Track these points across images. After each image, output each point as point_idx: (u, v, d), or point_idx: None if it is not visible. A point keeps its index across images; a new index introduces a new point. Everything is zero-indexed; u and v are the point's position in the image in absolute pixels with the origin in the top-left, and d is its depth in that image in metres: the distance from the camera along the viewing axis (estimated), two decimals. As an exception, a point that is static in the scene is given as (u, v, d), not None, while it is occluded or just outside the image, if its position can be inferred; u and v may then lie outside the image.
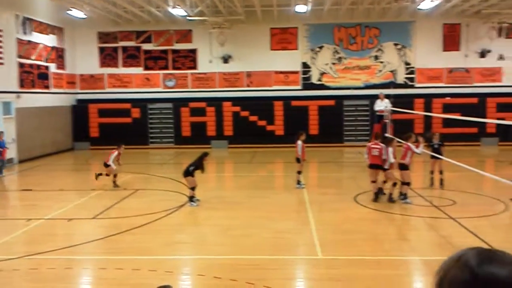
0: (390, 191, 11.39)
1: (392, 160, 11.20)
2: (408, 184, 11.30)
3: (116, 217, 10.45)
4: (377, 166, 11.53)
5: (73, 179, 16.97)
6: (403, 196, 11.27)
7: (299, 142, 13.00)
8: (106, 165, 13.76)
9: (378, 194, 11.52)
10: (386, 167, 11.24)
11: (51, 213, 10.80)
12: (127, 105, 24.21)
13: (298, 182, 13.33)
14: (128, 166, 16.41)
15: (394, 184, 11.40)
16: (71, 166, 20.20)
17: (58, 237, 9.11)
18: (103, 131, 24.04)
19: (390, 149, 11.26)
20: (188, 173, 11.33)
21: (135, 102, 24.23)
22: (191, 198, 11.37)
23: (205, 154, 11.65)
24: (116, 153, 13.79)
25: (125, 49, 24.62)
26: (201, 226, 10.15)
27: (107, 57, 24.73)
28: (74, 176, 17.74)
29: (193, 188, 11.32)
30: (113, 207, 11.39)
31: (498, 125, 21.29)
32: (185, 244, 8.72)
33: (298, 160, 13.20)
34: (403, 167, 11.28)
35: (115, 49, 24.66)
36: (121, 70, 24.71)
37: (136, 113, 24.23)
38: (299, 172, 13.37)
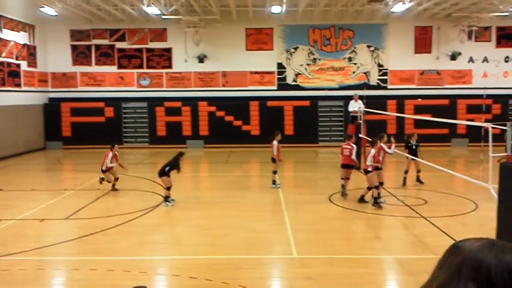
0: (363, 193, 11.45)
1: (369, 162, 11.10)
2: (381, 184, 11.48)
3: (89, 218, 10.31)
4: (348, 166, 11.83)
5: (45, 179, 16.66)
6: (376, 195, 11.42)
7: (275, 142, 13.09)
8: (103, 171, 12.94)
9: (345, 188, 11.89)
10: (369, 169, 11.15)
11: (22, 214, 10.58)
12: (101, 104, 23.88)
13: (274, 182, 13.41)
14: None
15: (368, 188, 11.38)
16: (43, 166, 19.82)
17: (30, 238, 8.93)
18: (75, 130, 23.67)
19: (372, 151, 11.18)
20: (163, 173, 11.27)
21: (108, 101, 23.93)
22: (166, 198, 11.31)
23: (181, 154, 11.61)
24: (110, 154, 12.78)
25: (98, 47, 24.28)
26: (176, 226, 10.11)
27: (80, 55, 24.34)
28: (46, 176, 17.41)
29: (168, 188, 11.27)
30: (86, 207, 11.23)
31: (468, 126, 21.82)
32: (160, 245, 8.67)
33: (273, 160, 13.29)
34: (376, 167, 11.45)
35: (88, 47, 24.29)
36: (94, 68, 24.35)
37: (109, 112, 23.93)
38: (274, 172, 13.46)
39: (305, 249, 8.05)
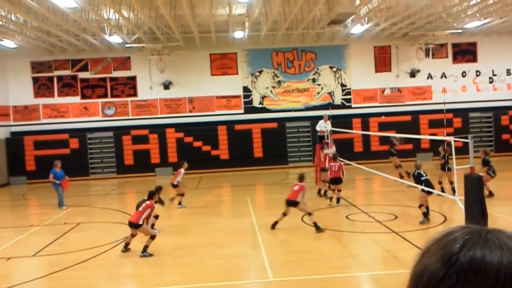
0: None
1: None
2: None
3: (58, 253, 9.99)
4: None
5: (10, 215, 16.08)
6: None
7: (182, 170, 14.30)
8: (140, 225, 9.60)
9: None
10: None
11: (-14, 254, 10.16)
12: (65, 136, 23.42)
13: (180, 203, 14.38)
14: (67, 199, 15.79)
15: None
16: (7, 202, 19.15)
17: (-5, 278, 8.58)
18: (40, 164, 22.99)
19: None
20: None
21: (73, 132, 23.50)
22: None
23: (160, 188, 11.12)
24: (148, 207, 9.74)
25: (60, 78, 23.92)
26: (149, 257, 9.88)
27: (42, 87, 23.91)
28: (10, 213, 16.81)
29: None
30: (54, 243, 10.89)
31: (431, 140, 22.41)
32: (132, 277, 8.48)
33: (174, 186, 14.27)
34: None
35: (50, 79, 23.90)
36: (57, 100, 23.93)
37: (74, 143, 23.47)
38: (181, 195, 14.41)
39: (281, 272, 8.02)
